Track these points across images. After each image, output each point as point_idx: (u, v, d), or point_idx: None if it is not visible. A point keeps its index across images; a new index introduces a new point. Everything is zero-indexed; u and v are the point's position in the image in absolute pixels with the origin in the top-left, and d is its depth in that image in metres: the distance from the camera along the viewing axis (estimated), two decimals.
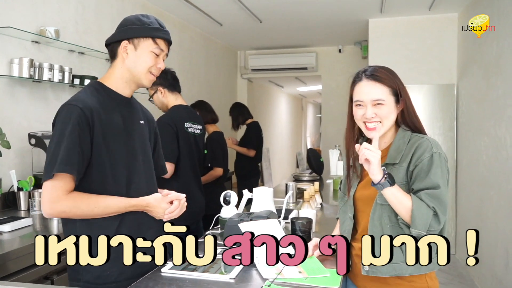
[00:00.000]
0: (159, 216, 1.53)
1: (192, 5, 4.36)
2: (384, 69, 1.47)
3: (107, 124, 1.45)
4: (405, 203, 1.36)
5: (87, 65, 3.30)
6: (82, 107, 1.39)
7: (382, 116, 1.43)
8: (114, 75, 1.53)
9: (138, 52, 1.49)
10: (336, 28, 5.48)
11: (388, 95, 1.43)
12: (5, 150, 2.30)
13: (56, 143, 1.36)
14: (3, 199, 2.47)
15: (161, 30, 1.52)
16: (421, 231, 1.35)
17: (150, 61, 1.50)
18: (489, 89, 3.66)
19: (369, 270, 1.44)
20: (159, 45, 1.51)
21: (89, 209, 1.38)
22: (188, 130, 2.59)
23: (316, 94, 11.64)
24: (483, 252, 3.75)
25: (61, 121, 1.38)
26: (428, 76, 4.91)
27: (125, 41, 1.48)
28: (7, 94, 2.62)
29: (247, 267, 1.53)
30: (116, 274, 1.47)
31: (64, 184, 1.35)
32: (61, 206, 1.35)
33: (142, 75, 1.51)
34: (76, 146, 1.35)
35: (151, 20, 1.51)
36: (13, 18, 2.65)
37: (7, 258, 1.75)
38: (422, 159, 1.39)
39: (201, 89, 5.48)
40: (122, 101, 1.54)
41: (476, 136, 4.03)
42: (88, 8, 3.36)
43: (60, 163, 1.32)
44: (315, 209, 2.64)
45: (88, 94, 1.46)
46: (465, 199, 4.42)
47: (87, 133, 1.39)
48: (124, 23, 1.52)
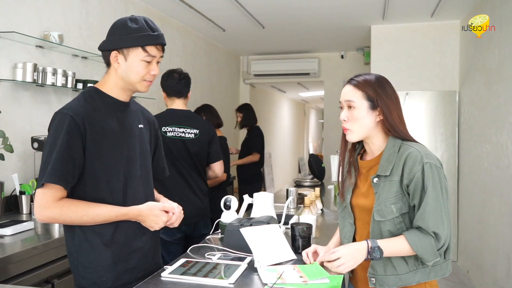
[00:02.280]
0: (151, 226, 1.50)
1: (195, 11, 4.38)
2: (369, 78, 1.49)
3: (100, 131, 1.45)
4: (404, 249, 1.38)
5: (90, 70, 3.33)
6: (72, 115, 1.39)
7: (353, 120, 1.48)
8: (110, 81, 1.52)
9: (128, 62, 1.46)
10: (339, 34, 5.50)
11: (360, 98, 1.46)
12: (8, 154, 2.32)
13: (47, 151, 1.38)
14: (5, 203, 2.48)
15: (150, 36, 1.45)
16: (434, 259, 1.37)
17: (141, 70, 1.47)
18: (491, 96, 3.66)
19: (376, 282, 1.45)
20: (150, 53, 1.46)
21: (77, 217, 1.39)
22: (167, 135, 2.61)
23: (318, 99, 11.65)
24: (485, 259, 3.73)
25: (54, 129, 1.40)
26: (430, 82, 4.92)
27: (115, 52, 1.46)
28: (11, 98, 2.64)
29: (247, 271, 1.53)
30: (112, 280, 1.47)
31: (54, 192, 1.37)
32: (49, 213, 1.37)
33: (137, 84, 1.50)
34: (66, 155, 1.37)
35: (139, 26, 1.44)
36: (17, 23, 2.67)
37: (8, 262, 1.75)
38: (415, 172, 1.38)
39: (203, 94, 5.50)
40: (119, 106, 1.54)
41: (477, 143, 4.03)
42: (91, 13, 3.39)
43: (49, 174, 1.34)
44: (315, 214, 2.64)
45: (81, 101, 1.46)
46: (466, 206, 4.41)
47: (78, 141, 1.39)
48: (112, 30, 1.49)
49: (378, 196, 1.44)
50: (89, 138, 1.42)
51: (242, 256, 1.67)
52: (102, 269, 1.46)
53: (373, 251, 1.36)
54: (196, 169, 2.68)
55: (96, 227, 1.44)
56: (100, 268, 1.46)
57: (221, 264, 1.60)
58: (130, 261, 1.52)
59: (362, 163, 1.56)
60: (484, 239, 3.79)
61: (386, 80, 1.51)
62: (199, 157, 2.68)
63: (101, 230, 1.45)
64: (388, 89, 1.48)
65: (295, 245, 1.77)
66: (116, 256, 1.48)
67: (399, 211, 1.41)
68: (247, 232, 1.64)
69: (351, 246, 1.42)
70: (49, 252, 1.96)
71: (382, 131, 1.49)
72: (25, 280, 1.82)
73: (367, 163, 1.54)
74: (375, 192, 1.46)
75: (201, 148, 2.68)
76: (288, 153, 11.56)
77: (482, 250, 3.84)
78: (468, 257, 4.35)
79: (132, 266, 1.53)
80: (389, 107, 1.45)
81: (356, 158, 1.60)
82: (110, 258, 1.47)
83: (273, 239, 1.70)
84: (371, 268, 1.47)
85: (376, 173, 1.46)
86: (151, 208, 1.49)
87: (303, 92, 10.26)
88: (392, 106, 1.46)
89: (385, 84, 1.49)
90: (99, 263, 1.46)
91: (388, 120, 1.45)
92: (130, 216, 1.47)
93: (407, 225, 1.43)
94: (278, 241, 1.71)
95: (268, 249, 1.63)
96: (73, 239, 1.46)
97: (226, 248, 1.76)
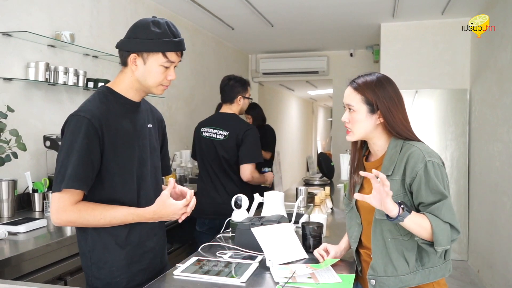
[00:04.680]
0: (172, 218, 1.46)
1: (204, 9, 4.39)
2: (370, 79, 1.48)
3: (116, 133, 1.44)
4: (425, 225, 1.33)
5: (101, 69, 3.35)
6: (90, 118, 1.38)
7: (353, 122, 1.49)
8: (124, 82, 1.50)
9: (147, 66, 1.44)
10: (348, 32, 5.47)
11: (359, 102, 1.46)
12: (20, 152, 2.34)
13: (65, 154, 1.36)
14: (18, 200, 2.51)
15: (172, 43, 1.44)
16: (446, 246, 1.34)
17: (159, 75, 1.46)
18: (502, 95, 3.63)
19: (376, 284, 1.45)
20: (170, 58, 1.45)
21: (95, 220, 1.38)
22: (203, 135, 2.84)
23: (327, 97, 11.61)
24: (496, 259, 3.70)
25: (70, 132, 1.38)
26: (440, 81, 4.88)
27: (134, 54, 1.44)
28: (23, 97, 2.67)
29: (258, 270, 1.54)
30: (125, 281, 1.48)
31: (71, 196, 1.36)
32: (67, 217, 1.36)
33: (153, 88, 1.49)
34: (86, 159, 1.35)
35: (161, 31, 1.42)
36: (30, 22, 2.70)
37: (21, 259, 1.77)
38: (417, 170, 1.38)
39: (212, 93, 5.51)
40: (132, 107, 1.53)
41: (489, 142, 3.99)
42: (102, 12, 3.41)
43: (69, 179, 1.33)
44: (325, 213, 2.64)
45: (97, 102, 1.45)
46: (477, 206, 4.37)
47: (96, 144, 1.38)
48: (133, 31, 1.45)
49: None
50: (106, 141, 1.41)
51: (254, 255, 1.68)
52: (116, 269, 1.46)
53: (404, 205, 1.30)
54: (222, 168, 2.77)
55: (111, 228, 1.44)
56: (114, 269, 1.46)
57: (232, 262, 1.61)
58: (143, 261, 1.53)
59: (367, 164, 1.57)
60: (495, 239, 3.76)
61: (388, 81, 1.49)
62: (226, 157, 2.75)
63: (116, 231, 1.45)
64: (389, 90, 1.46)
65: (306, 244, 1.77)
66: (130, 257, 1.49)
67: None
68: (258, 232, 1.65)
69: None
70: (62, 249, 1.98)
71: (384, 132, 1.49)
72: (38, 277, 1.84)
73: (371, 164, 1.54)
74: None
75: (229, 149, 2.75)
76: (297, 151, 11.54)
77: (493, 250, 3.81)
78: (478, 257, 4.31)
79: (144, 267, 1.54)
80: (390, 110, 1.44)
81: (362, 159, 1.60)
82: (124, 259, 1.48)
83: (284, 238, 1.70)
84: (371, 269, 1.46)
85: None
86: (162, 203, 1.43)
87: (312, 90, 10.24)
88: (394, 108, 1.45)
89: (387, 85, 1.46)
90: (113, 263, 1.46)
91: (390, 123, 1.45)
92: (146, 218, 1.44)
93: None
94: (289, 240, 1.71)
95: (279, 248, 1.63)
96: (86, 240, 1.47)
97: (237, 247, 1.76)
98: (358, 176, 1.58)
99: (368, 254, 1.54)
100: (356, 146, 1.62)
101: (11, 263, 1.72)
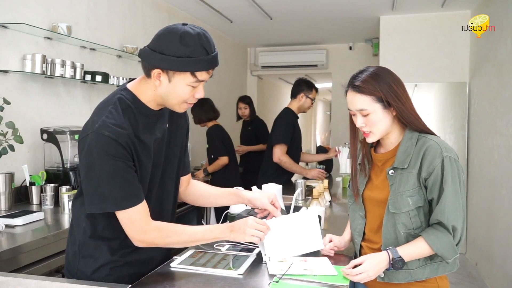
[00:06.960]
0: (242, 238, 1.44)
1: (203, 2, 4.36)
2: (368, 76, 1.43)
3: (140, 146, 1.33)
4: (424, 251, 1.38)
5: (98, 61, 3.33)
6: (117, 138, 1.24)
7: (371, 124, 1.44)
8: (147, 93, 1.34)
9: (172, 84, 1.27)
10: (347, 25, 5.45)
11: (371, 103, 1.41)
12: (17, 145, 2.33)
13: (99, 179, 1.24)
14: (16, 193, 2.50)
15: (203, 61, 1.25)
16: (454, 256, 1.37)
17: (185, 94, 1.29)
18: (501, 88, 3.62)
19: (385, 277, 1.44)
20: (199, 78, 1.27)
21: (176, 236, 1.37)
22: None
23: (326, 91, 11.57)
24: (494, 252, 3.71)
25: (97, 154, 1.23)
26: (440, 74, 4.86)
27: (158, 70, 1.26)
28: (20, 90, 2.65)
29: (255, 262, 1.53)
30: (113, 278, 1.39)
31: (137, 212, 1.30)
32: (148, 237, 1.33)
33: (176, 106, 1.34)
34: (128, 176, 1.28)
35: (192, 48, 1.24)
36: (26, 14, 2.68)
37: (19, 251, 1.77)
38: (434, 165, 1.37)
39: (210, 86, 5.48)
40: (153, 117, 1.38)
41: (488, 135, 3.98)
42: (99, 4, 3.38)
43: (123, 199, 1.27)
44: (324, 206, 2.64)
45: (120, 116, 1.29)
46: (476, 199, 4.38)
47: (130, 160, 1.29)
48: (158, 43, 1.26)
49: (393, 189, 1.43)
50: (134, 155, 1.31)
51: (251, 247, 1.67)
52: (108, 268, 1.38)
53: (396, 263, 1.36)
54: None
55: (106, 233, 1.37)
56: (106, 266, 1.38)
57: (230, 255, 1.60)
58: (136, 266, 1.44)
59: (376, 156, 1.54)
60: (494, 232, 3.76)
61: (385, 72, 1.45)
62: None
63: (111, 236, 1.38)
64: (390, 81, 1.42)
65: None
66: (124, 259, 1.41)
67: (415, 204, 1.40)
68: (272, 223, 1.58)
69: (373, 259, 1.38)
70: (59, 242, 1.97)
71: (398, 125, 1.47)
72: (35, 270, 1.84)
73: (382, 156, 1.52)
74: (390, 184, 1.44)
75: None
76: None
77: (491, 243, 3.81)
78: (476, 250, 4.32)
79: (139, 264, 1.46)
80: (401, 100, 1.41)
81: (370, 151, 1.58)
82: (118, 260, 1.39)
83: (297, 229, 1.62)
84: None
85: (392, 165, 1.45)
86: (246, 220, 1.43)
87: None
88: (403, 97, 1.42)
89: (386, 77, 1.43)
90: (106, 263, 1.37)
91: (403, 115, 1.42)
92: (225, 233, 1.43)
93: (421, 219, 1.41)
94: (303, 230, 1.63)
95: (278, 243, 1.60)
96: (79, 234, 1.39)
97: None
98: (365, 168, 1.56)
99: (370, 247, 1.53)
100: (357, 140, 1.59)
101: (9, 256, 1.72)
